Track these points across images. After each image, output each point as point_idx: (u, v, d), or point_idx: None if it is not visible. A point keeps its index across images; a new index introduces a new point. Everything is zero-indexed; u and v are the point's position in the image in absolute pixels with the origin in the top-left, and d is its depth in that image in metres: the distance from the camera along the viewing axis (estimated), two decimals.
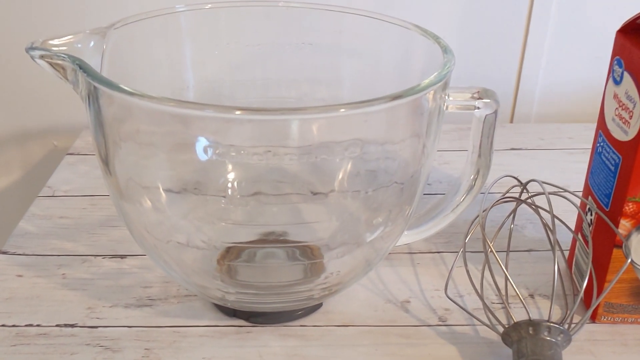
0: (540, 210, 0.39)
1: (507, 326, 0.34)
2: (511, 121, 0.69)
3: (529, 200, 0.39)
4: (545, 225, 0.39)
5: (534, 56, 0.65)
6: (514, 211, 0.40)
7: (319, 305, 0.39)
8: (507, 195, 0.40)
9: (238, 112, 0.28)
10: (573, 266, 0.40)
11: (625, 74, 0.34)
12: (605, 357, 0.35)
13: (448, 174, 0.54)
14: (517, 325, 0.33)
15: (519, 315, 0.38)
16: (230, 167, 0.38)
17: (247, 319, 0.37)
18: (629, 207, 0.34)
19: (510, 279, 0.34)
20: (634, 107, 0.33)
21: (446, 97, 0.36)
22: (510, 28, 0.64)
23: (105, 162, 0.34)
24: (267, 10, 0.39)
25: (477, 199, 0.39)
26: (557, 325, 0.32)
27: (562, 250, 0.40)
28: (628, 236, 0.35)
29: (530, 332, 0.33)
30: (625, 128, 0.34)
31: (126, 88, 0.28)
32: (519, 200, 0.39)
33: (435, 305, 0.39)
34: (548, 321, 0.33)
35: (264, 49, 0.40)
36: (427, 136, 0.34)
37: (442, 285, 0.40)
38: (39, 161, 0.68)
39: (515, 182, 0.41)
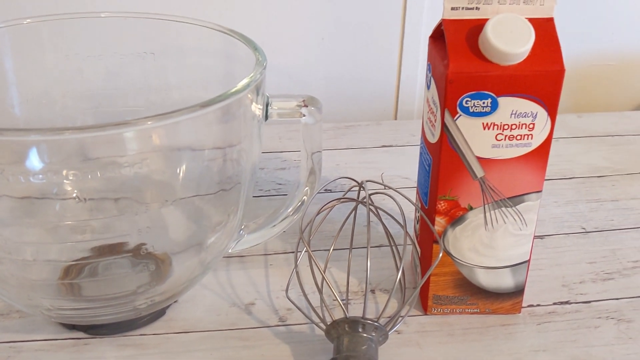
0: (380, 210, 0.40)
1: (328, 324, 0.35)
2: (395, 118, 0.71)
3: (366, 200, 0.41)
4: (382, 223, 0.41)
5: (411, 56, 0.67)
6: (354, 209, 0.42)
7: (162, 313, 0.40)
8: (345, 196, 0.42)
9: (67, 133, 0.29)
10: (413, 261, 0.42)
11: (432, 80, 0.35)
12: (430, 347, 0.37)
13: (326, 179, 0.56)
14: (335, 323, 0.35)
15: (356, 311, 0.40)
16: (63, 187, 0.38)
17: (85, 331, 0.38)
18: (442, 205, 0.36)
19: (326, 278, 0.36)
20: (437, 110, 0.35)
21: (268, 106, 0.37)
22: (387, 34, 0.66)
23: None
24: (93, 22, 0.39)
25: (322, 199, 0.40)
26: (371, 322, 0.34)
27: (396, 246, 0.41)
28: (444, 232, 0.37)
29: (347, 329, 0.34)
30: (433, 131, 0.36)
31: None
32: (356, 201, 0.41)
33: (278, 305, 0.41)
34: (363, 318, 0.34)
35: (99, 60, 0.40)
36: (244, 142, 0.35)
37: (290, 285, 0.42)
38: None
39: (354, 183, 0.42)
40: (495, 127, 0.34)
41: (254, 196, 0.52)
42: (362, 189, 0.41)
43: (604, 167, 0.57)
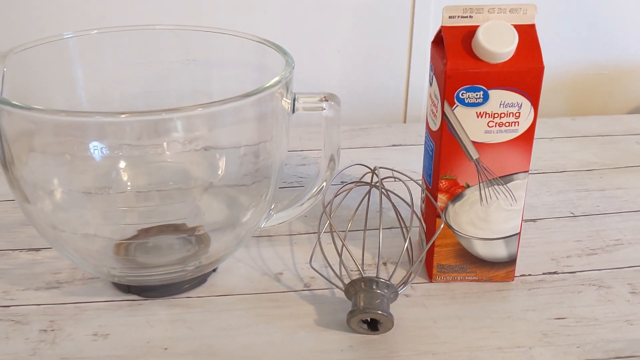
0: (390, 193, 0.47)
1: (346, 284, 0.41)
2: (404, 122, 0.78)
3: (378, 184, 0.47)
4: (392, 204, 0.47)
5: (419, 65, 0.74)
6: (368, 193, 0.48)
7: (204, 280, 0.46)
8: (360, 180, 0.48)
9: (123, 116, 0.35)
10: (420, 240, 0.49)
11: (434, 77, 0.42)
12: (434, 308, 0.43)
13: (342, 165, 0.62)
14: (352, 282, 0.41)
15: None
16: (125, 165, 0.45)
17: (139, 294, 0.44)
18: (443, 184, 0.42)
19: (345, 244, 0.42)
20: (438, 102, 0.41)
21: (295, 101, 0.43)
22: (396, 46, 0.72)
23: (10, 173, 0.40)
24: (150, 33, 0.46)
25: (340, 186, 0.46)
26: (383, 280, 0.40)
27: (405, 226, 0.48)
28: (446, 208, 0.43)
29: (363, 286, 0.40)
30: (434, 120, 0.42)
31: (19, 104, 0.35)
32: (370, 185, 0.47)
33: (303, 274, 0.47)
34: (377, 278, 0.40)
35: (150, 67, 0.47)
36: (275, 134, 0.42)
37: (312, 259, 0.48)
38: None
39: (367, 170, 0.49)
40: (487, 115, 0.40)
41: (280, 187, 0.58)
42: (374, 174, 0.48)
43: (593, 162, 0.63)
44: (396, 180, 0.46)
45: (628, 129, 0.71)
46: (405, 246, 0.42)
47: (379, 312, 0.39)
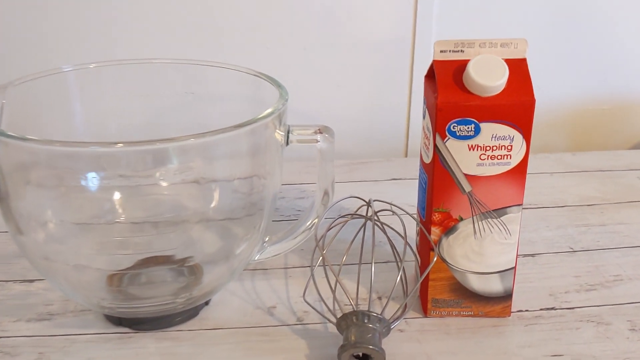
0: (385, 226, 0.46)
1: (338, 318, 0.41)
2: (405, 156, 0.78)
3: (374, 217, 0.47)
4: (388, 237, 0.47)
5: (420, 99, 0.74)
6: (363, 226, 0.48)
7: (196, 313, 0.45)
8: (355, 213, 0.48)
9: (119, 146, 0.36)
10: (416, 274, 0.48)
11: (426, 110, 0.42)
12: (429, 343, 0.43)
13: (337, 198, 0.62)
14: (344, 316, 0.40)
15: None
16: (119, 196, 0.45)
17: (130, 327, 0.44)
18: (436, 217, 0.42)
19: (339, 279, 0.41)
20: (430, 135, 0.41)
21: (289, 133, 0.44)
22: (397, 80, 0.73)
23: (5, 205, 0.40)
24: (149, 66, 0.47)
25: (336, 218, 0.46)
26: (375, 314, 0.40)
27: (401, 260, 0.47)
28: (439, 241, 0.43)
29: (355, 320, 0.40)
30: (427, 153, 0.42)
31: (15, 134, 0.35)
32: (365, 217, 0.47)
33: (296, 309, 0.46)
34: (369, 312, 0.40)
35: (148, 99, 0.48)
36: (268, 165, 0.42)
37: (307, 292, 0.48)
38: None
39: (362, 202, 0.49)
40: (479, 148, 0.40)
41: (275, 220, 0.58)
42: (369, 207, 0.48)
43: (594, 197, 0.62)
44: (393, 213, 0.46)
45: (629, 163, 0.70)
46: (398, 279, 0.41)
47: (370, 346, 0.38)
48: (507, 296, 0.44)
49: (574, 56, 0.75)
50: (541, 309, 0.46)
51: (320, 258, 0.43)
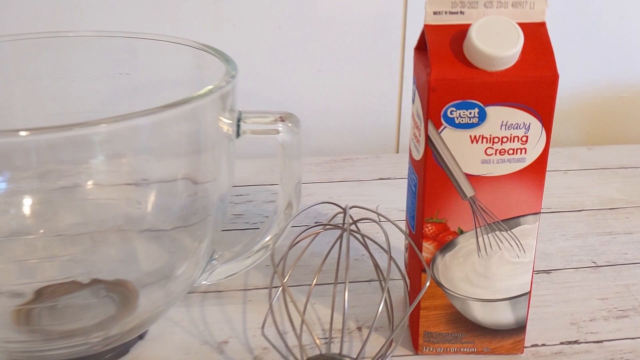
0: (366, 238, 0.37)
1: None
2: (397, 152, 0.68)
3: (353, 227, 0.37)
4: (369, 252, 0.37)
5: (410, 91, 0.65)
6: (340, 237, 0.38)
7: (126, 351, 0.36)
8: (329, 223, 0.38)
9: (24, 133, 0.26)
10: (405, 298, 0.39)
11: (416, 92, 0.33)
12: None
13: (306, 204, 0.53)
14: None
15: (346, 348, 0.36)
16: (26, 203, 0.36)
17: None
18: (429, 229, 0.33)
19: (304, 318, 0.32)
20: (421, 124, 0.32)
21: (240, 121, 0.34)
22: (386, 64, 0.64)
23: None
24: (68, 41, 0.37)
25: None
26: (349, 358, 0.30)
27: (384, 279, 0.38)
28: (433, 259, 0.33)
29: None
30: (417, 147, 0.33)
31: None
32: (341, 228, 0.37)
33: (254, 344, 0.37)
34: (339, 355, 0.30)
35: (70, 82, 0.38)
36: (212, 162, 0.33)
37: (268, 323, 0.38)
38: None
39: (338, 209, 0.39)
40: (485, 140, 0.30)
41: (240, 229, 0.49)
42: (346, 214, 0.38)
43: (617, 199, 0.53)
44: (380, 221, 0.36)
45: None
46: (381, 305, 0.32)
47: None
48: (519, 328, 0.35)
49: (589, 38, 0.65)
50: (562, 343, 0.37)
51: (281, 289, 0.33)
